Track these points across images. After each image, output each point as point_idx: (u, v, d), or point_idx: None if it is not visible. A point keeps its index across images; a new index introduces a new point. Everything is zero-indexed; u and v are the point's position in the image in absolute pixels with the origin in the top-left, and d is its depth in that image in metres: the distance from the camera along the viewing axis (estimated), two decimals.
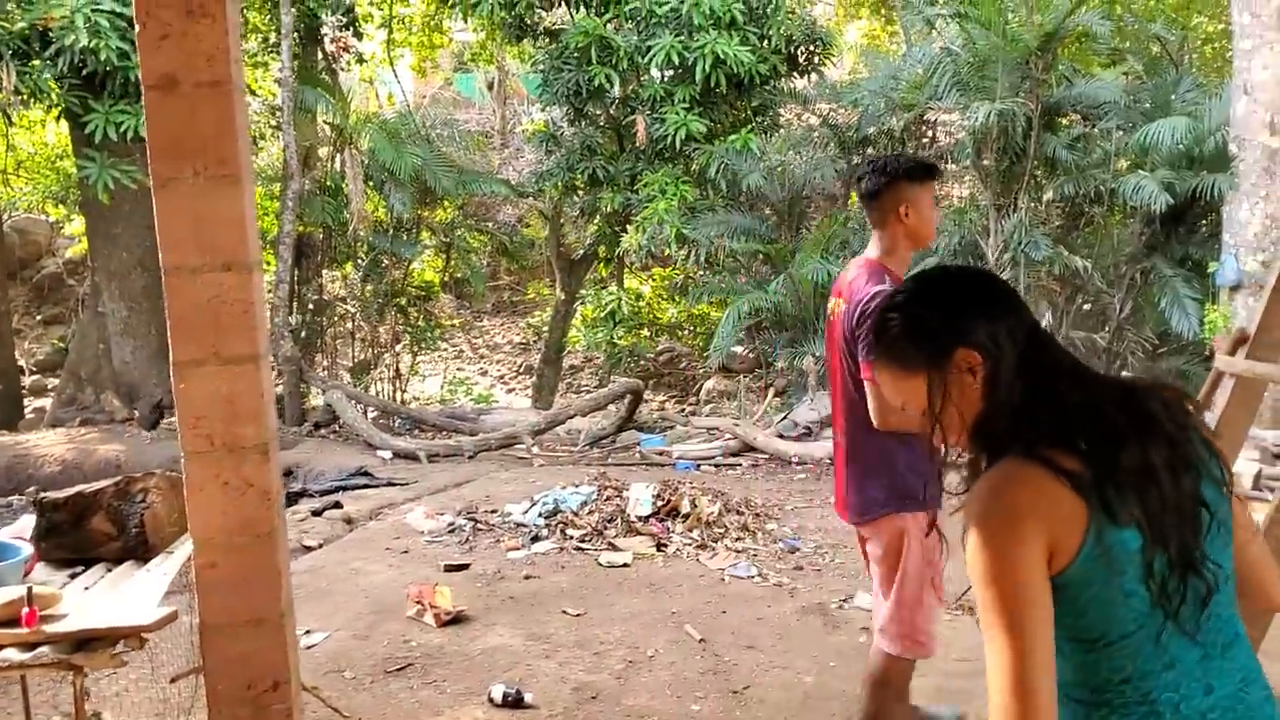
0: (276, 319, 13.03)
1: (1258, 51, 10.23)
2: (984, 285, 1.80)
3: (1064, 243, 12.27)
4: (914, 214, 3.49)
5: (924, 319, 1.76)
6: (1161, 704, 1.62)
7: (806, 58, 14.58)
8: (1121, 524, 1.59)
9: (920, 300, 1.79)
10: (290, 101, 13.08)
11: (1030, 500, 1.60)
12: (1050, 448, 1.63)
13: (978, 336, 1.71)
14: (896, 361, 1.78)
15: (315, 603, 5.75)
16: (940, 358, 1.72)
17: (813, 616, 5.50)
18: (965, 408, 1.73)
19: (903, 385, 1.78)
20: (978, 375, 1.72)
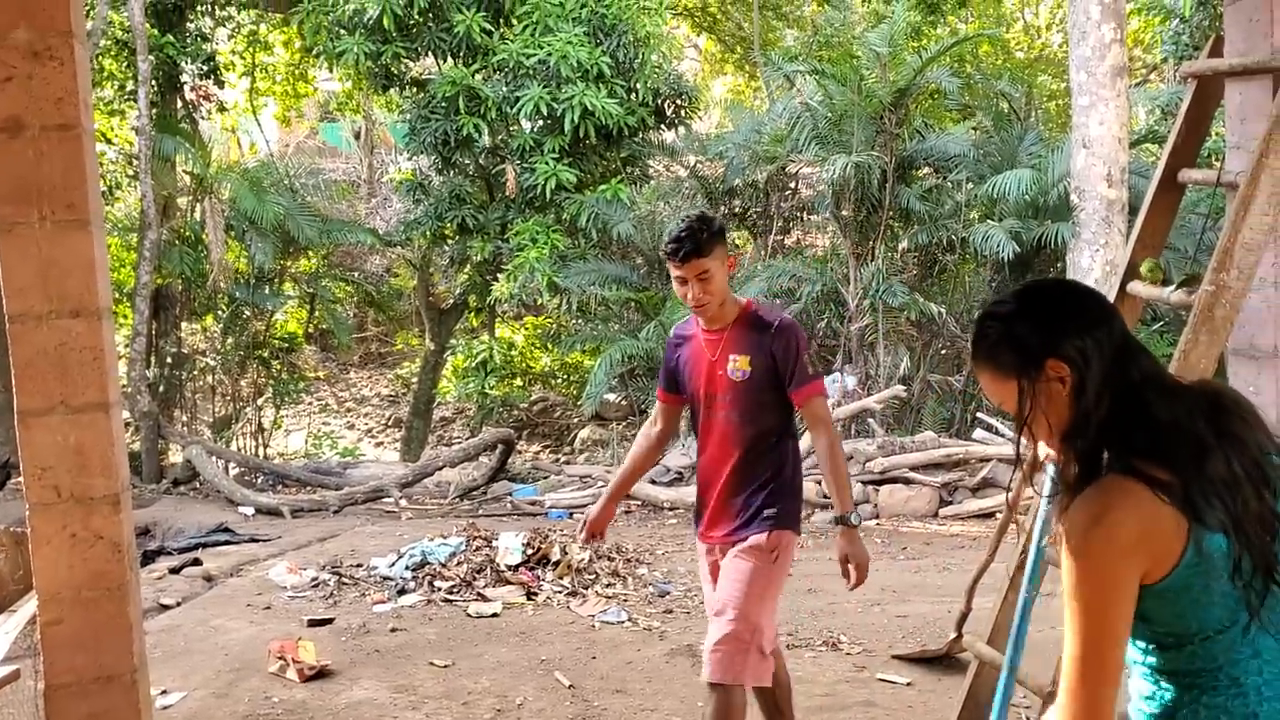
0: (133, 373, 12.63)
1: (1094, 108, 10.80)
2: (1079, 298, 1.89)
3: (919, 290, 12.70)
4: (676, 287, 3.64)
5: (1018, 328, 1.85)
6: (1248, 687, 1.76)
7: (674, 111, 14.86)
8: (1213, 529, 1.71)
9: (1018, 310, 1.88)
10: (147, 150, 12.78)
11: (1134, 525, 1.70)
12: (1142, 459, 1.73)
13: (1067, 349, 1.80)
14: (992, 365, 1.89)
15: (173, 662, 5.57)
16: (1031, 366, 1.82)
17: (682, 658, 5.54)
18: (1054, 416, 1.83)
19: (997, 388, 1.89)
20: (1067, 385, 1.81)
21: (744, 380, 3.54)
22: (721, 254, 3.53)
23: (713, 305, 3.55)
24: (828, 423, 3.59)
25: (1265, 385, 3.91)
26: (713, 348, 3.61)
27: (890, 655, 5.56)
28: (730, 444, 3.59)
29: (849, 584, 3.56)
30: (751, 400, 3.55)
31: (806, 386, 3.54)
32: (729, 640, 3.44)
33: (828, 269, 12.91)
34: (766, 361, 3.53)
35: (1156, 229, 4.15)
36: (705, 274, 3.49)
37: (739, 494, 3.59)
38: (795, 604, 6.73)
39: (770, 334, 3.54)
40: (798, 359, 3.52)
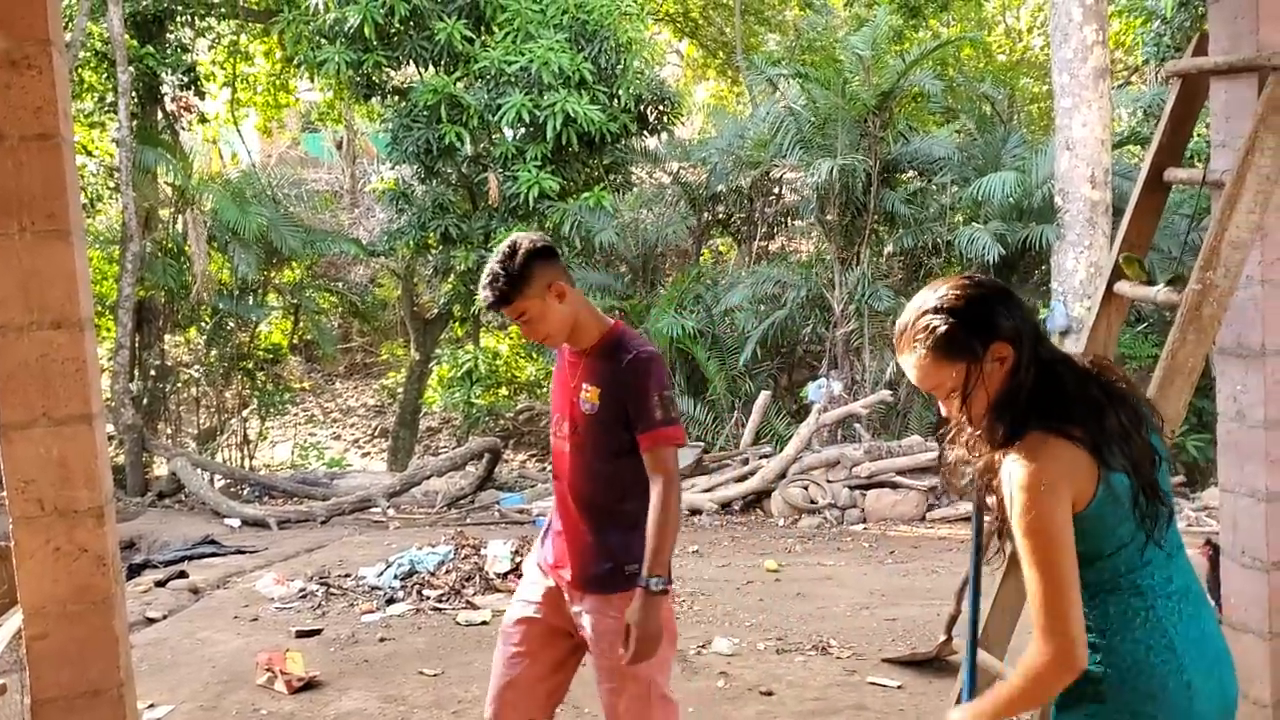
0: (116, 386, 12.56)
1: (1077, 110, 10.85)
2: (1004, 292, 2.22)
3: (905, 294, 12.70)
4: None
5: (966, 318, 2.14)
6: (1144, 589, 2.16)
7: (656, 117, 14.87)
8: (1116, 470, 2.10)
9: (961, 303, 2.16)
10: (128, 162, 12.72)
11: (1059, 468, 2.06)
12: (1060, 421, 2.10)
13: (1008, 333, 2.14)
14: (938, 354, 2.15)
15: (159, 675, 5.52)
16: (979, 350, 2.13)
17: (671, 664, 5.51)
18: (990, 391, 2.15)
19: (936, 373, 2.16)
20: (1005, 364, 2.14)
21: (592, 414, 3.13)
22: (539, 288, 3.06)
23: (554, 339, 3.18)
24: (671, 476, 3.05)
25: (1253, 384, 3.91)
26: (574, 372, 3.22)
27: (880, 659, 5.55)
28: (585, 479, 3.19)
29: (624, 656, 3.01)
30: (601, 437, 3.13)
31: (653, 432, 3.05)
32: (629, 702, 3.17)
33: (813, 274, 12.92)
34: (617, 396, 3.09)
35: (1142, 230, 4.15)
36: (523, 316, 3.11)
37: (593, 538, 3.17)
38: (785, 609, 6.72)
39: (622, 367, 3.09)
40: (645, 398, 3.05)
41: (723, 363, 12.77)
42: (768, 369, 13.16)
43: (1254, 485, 3.91)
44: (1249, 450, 3.93)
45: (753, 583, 7.50)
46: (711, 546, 8.92)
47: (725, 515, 10.30)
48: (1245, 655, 3.99)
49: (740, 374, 12.74)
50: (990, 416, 2.15)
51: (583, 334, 3.17)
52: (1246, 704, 3.96)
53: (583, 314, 3.17)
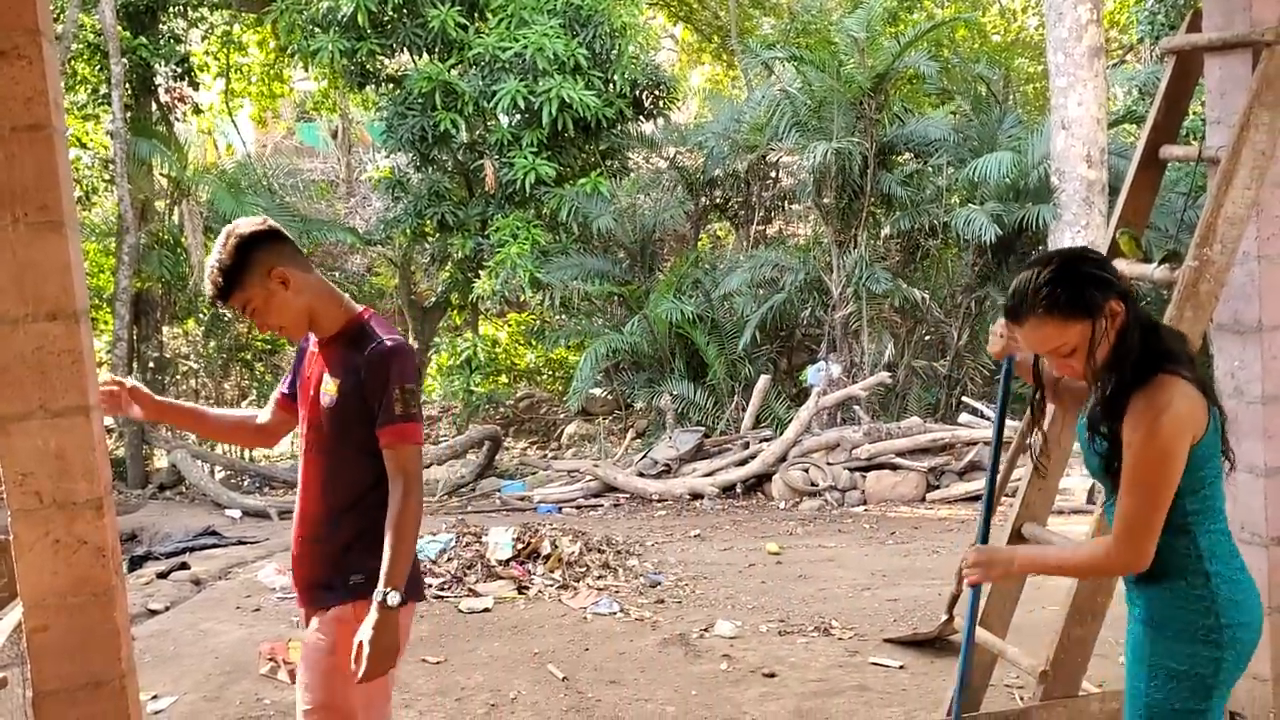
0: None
1: (1072, 89, 10.81)
2: (1104, 258, 2.55)
3: (903, 276, 12.71)
4: None
5: (1085, 281, 2.42)
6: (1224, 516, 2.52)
7: (652, 102, 14.82)
8: (1214, 405, 2.46)
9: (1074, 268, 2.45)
10: (123, 153, 12.69)
11: (1189, 406, 2.38)
12: (1174, 363, 2.42)
13: (1118, 291, 2.44)
14: (1063, 314, 2.41)
15: (162, 666, 5.53)
16: (1101, 308, 2.41)
17: (674, 647, 5.53)
18: (1106, 344, 2.43)
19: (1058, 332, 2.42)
20: (1117, 320, 2.43)
21: (330, 408, 2.92)
22: (258, 276, 2.89)
23: (288, 331, 3.00)
24: (411, 478, 2.83)
25: (1250, 359, 3.92)
26: (317, 363, 3.01)
27: (882, 639, 5.56)
28: (319, 479, 2.99)
29: (355, 675, 2.77)
30: (338, 434, 2.92)
31: (391, 427, 2.83)
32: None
33: (810, 257, 12.90)
34: (356, 389, 2.87)
35: (1139, 207, 4.16)
36: (247, 308, 2.94)
37: (319, 546, 2.97)
38: (786, 591, 6.73)
39: (363, 357, 2.87)
40: (385, 391, 2.82)
41: (722, 347, 12.76)
42: (767, 353, 13.16)
43: (1252, 461, 3.91)
44: (1247, 426, 3.94)
45: (754, 565, 7.52)
46: (713, 530, 8.93)
47: (726, 499, 10.32)
48: None
49: (739, 358, 12.74)
50: (1116, 366, 2.43)
51: (323, 323, 2.98)
52: (1247, 679, 3.97)
53: (319, 301, 2.97)
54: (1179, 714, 2.47)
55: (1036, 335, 2.46)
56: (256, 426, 3.34)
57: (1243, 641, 2.47)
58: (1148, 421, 2.35)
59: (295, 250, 3.00)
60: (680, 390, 12.55)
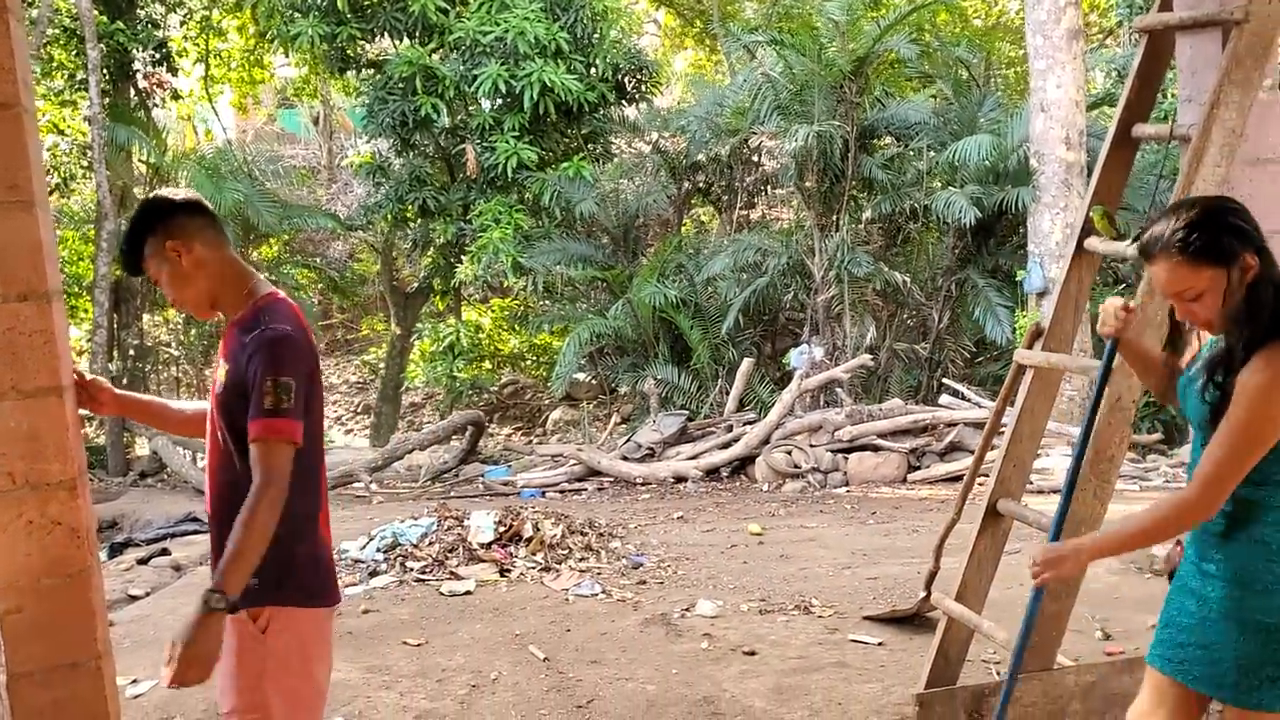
0: (95, 366, 12.51)
1: (1051, 71, 10.85)
2: (1246, 212, 2.51)
3: (884, 259, 12.75)
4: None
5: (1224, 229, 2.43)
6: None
7: (634, 86, 14.81)
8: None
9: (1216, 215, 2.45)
10: (101, 140, 12.62)
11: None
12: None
13: (1256, 242, 2.44)
14: (1197, 258, 2.42)
15: (143, 651, 5.52)
16: (1237, 258, 2.42)
17: (656, 627, 5.55)
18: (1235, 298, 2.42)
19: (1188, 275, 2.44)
20: (1249, 274, 2.42)
21: (218, 395, 2.79)
22: (156, 249, 2.80)
23: (191, 306, 2.91)
24: (269, 476, 2.62)
25: None
26: (220, 347, 2.89)
27: (861, 616, 5.60)
28: (214, 472, 2.86)
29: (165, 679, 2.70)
30: (225, 422, 2.77)
31: (258, 420, 2.64)
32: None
33: (793, 241, 12.92)
34: (239, 377, 2.71)
35: (1112, 185, 4.17)
36: (153, 280, 2.88)
37: (219, 541, 2.82)
38: (768, 571, 6.77)
39: (246, 343, 2.71)
40: (259, 381, 2.64)
41: (706, 331, 12.78)
42: (750, 336, 13.19)
43: None
44: None
45: (736, 546, 7.55)
46: (696, 512, 8.96)
47: (710, 482, 10.35)
48: None
49: (723, 342, 12.76)
50: (1249, 319, 2.42)
51: (225, 305, 2.86)
52: None
53: (221, 281, 2.85)
54: (1270, 664, 2.48)
55: (1167, 275, 2.47)
56: (190, 415, 3.20)
57: None
58: (1263, 385, 2.37)
59: (206, 226, 2.86)
60: (664, 374, 12.57)
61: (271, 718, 2.79)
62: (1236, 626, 2.51)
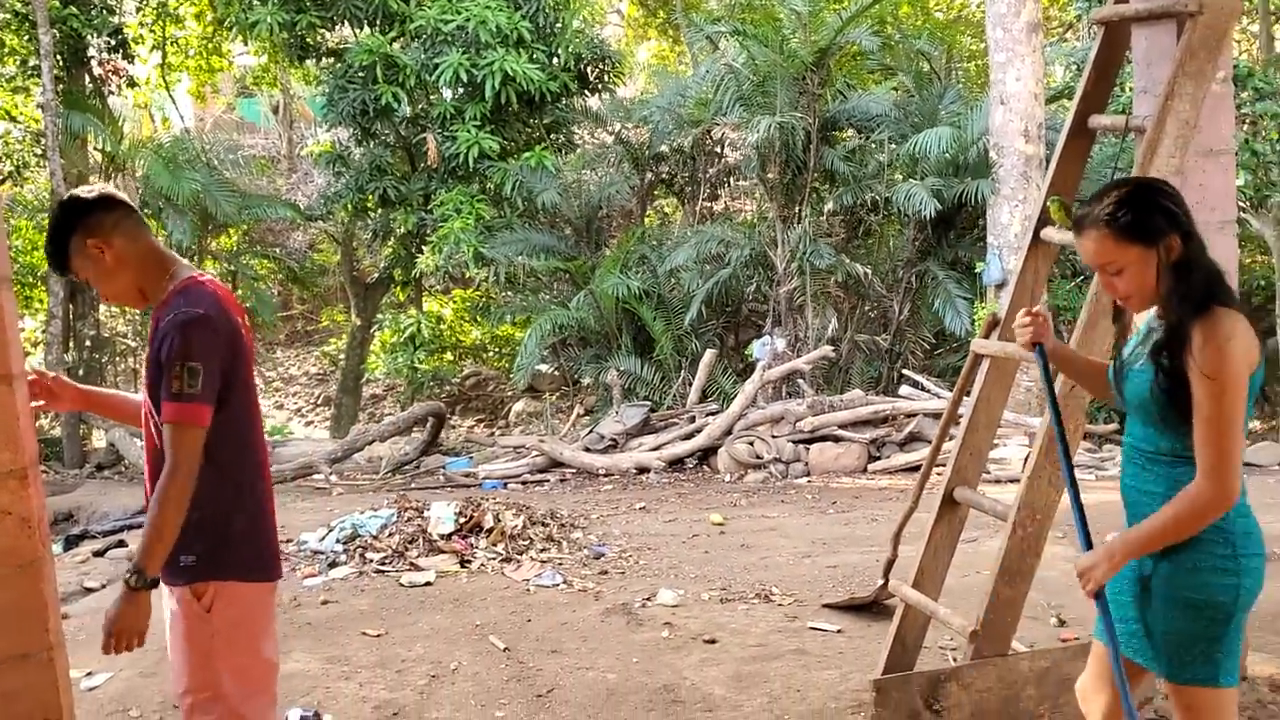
0: (50, 356, 12.36)
1: (1010, 64, 10.93)
2: (1175, 191, 2.65)
3: (845, 251, 12.81)
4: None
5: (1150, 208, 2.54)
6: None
7: (597, 76, 14.78)
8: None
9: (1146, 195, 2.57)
10: (55, 127, 12.44)
11: (1251, 339, 2.49)
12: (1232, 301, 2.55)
13: (1183, 226, 2.54)
14: (1123, 235, 2.53)
15: (98, 643, 5.45)
16: (1157, 238, 2.52)
17: (616, 617, 5.56)
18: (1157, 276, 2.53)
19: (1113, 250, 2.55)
20: (1172, 255, 2.52)
21: (146, 379, 2.87)
22: (78, 247, 2.86)
23: (122, 299, 3.00)
24: (178, 461, 2.70)
25: None
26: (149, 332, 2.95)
27: (821, 604, 5.63)
28: (148, 455, 2.92)
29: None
30: (152, 405, 2.84)
31: (167, 404, 2.71)
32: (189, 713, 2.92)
33: (755, 233, 12.95)
34: (156, 360, 2.79)
35: (1068, 175, 4.21)
36: (81, 278, 2.97)
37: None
38: (729, 560, 6.79)
39: (160, 327, 2.79)
40: (167, 365, 2.72)
41: (669, 322, 12.80)
42: (713, 328, 13.22)
43: None
44: None
45: (698, 536, 7.57)
46: (658, 503, 8.97)
47: (672, 473, 10.36)
48: None
49: (686, 333, 12.78)
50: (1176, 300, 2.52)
51: (150, 292, 2.93)
52: None
53: (144, 271, 2.91)
54: (1200, 640, 2.56)
55: (1094, 248, 2.58)
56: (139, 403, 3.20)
57: (1256, 570, 2.57)
58: (1217, 355, 2.44)
59: (124, 218, 2.91)
60: (627, 366, 12.57)
61: (223, 695, 2.87)
62: (1169, 604, 2.59)
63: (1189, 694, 2.61)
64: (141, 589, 2.74)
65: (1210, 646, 2.56)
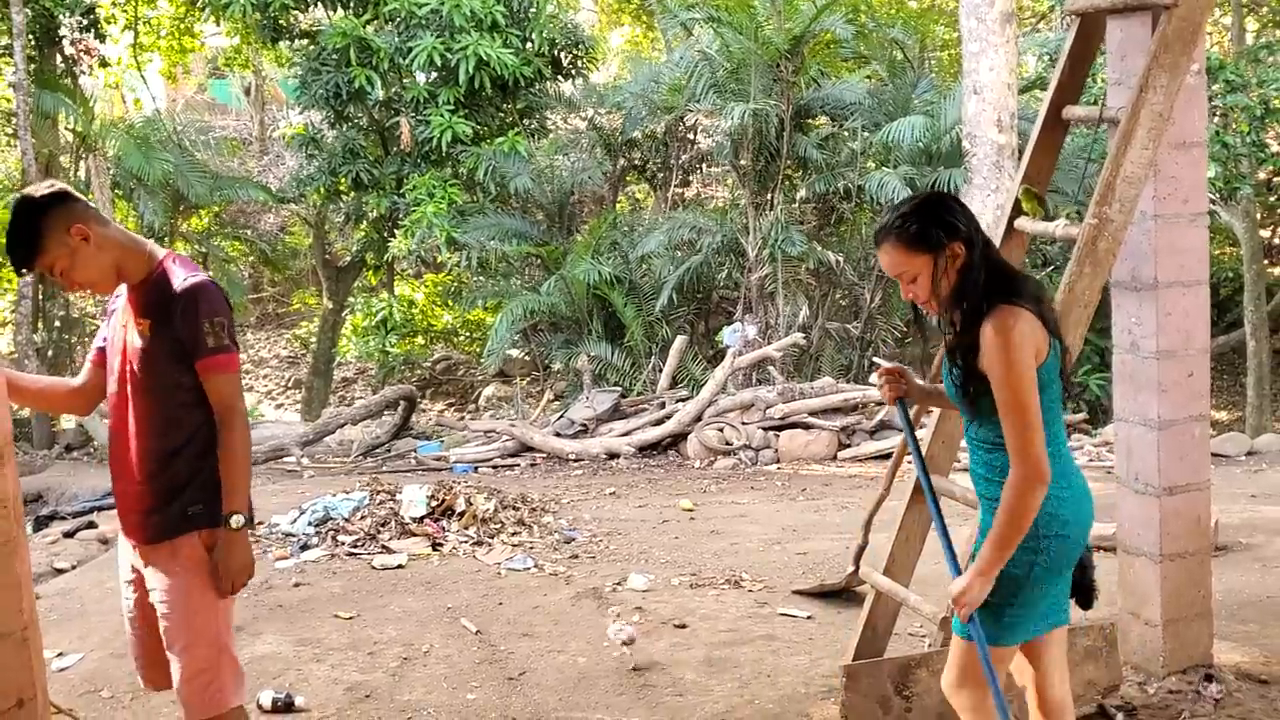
0: (19, 337, 12.25)
1: (984, 54, 10.96)
2: (960, 204, 2.83)
3: (818, 239, 12.86)
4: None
5: (931, 220, 2.72)
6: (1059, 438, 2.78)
7: (571, 61, 14.75)
8: (1054, 335, 2.73)
9: (928, 208, 2.76)
10: (26, 107, 12.29)
11: (1028, 328, 2.65)
12: (1016, 295, 2.69)
13: (962, 235, 2.71)
14: (908, 245, 2.72)
15: (69, 624, 5.44)
16: (938, 245, 2.70)
17: (588, 600, 5.58)
18: (948, 282, 2.72)
19: (902, 260, 2.74)
20: (958, 260, 2.71)
21: (144, 348, 2.99)
22: (58, 238, 2.92)
23: (99, 285, 3.07)
24: (231, 406, 3.01)
25: (1146, 316, 4.04)
26: (127, 310, 3.05)
27: (791, 591, 5.67)
28: (144, 421, 3.04)
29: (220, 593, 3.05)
30: (154, 372, 3.00)
31: (204, 359, 2.96)
32: (197, 672, 3.07)
33: (727, 220, 12.97)
34: (167, 328, 2.97)
35: (1041, 166, 4.24)
36: (54, 271, 3.00)
37: (153, 484, 3.05)
38: (699, 545, 6.82)
39: (172, 296, 2.96)
40: (195, 327, 2.94)
41: (639, 309, 12.81)
42: (684, 314, 13.24)
43: (1146, 414, 4.05)
44: (1142, 380, 4.07)
45: (668, 522, 7.60)
46: (629, 489, 9.00)
47: (642, 458, 10.38)
48: (1137, 577, 4.15)
49: (657, 319, 12.80)
50: (958, 301, 2.72)
51: (131, 270, 3.03)
52: (1139, 624, 4.14)
53: (123, 251, 3.02)
54: (995, 609, 2.77)
55: (887, 259, 2.79)
56: (72, 389, 3.34)
57: (1055, 550, 2.74)
58: (997, 345, 2.62)
59: (88, 206, 3.02)
60: (598, 351, 12.57)
61: (224, 645, 3.07)
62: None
63: (965, 648, 2.87)
64: (243, 528, 2.98)
65: (998, 612, 2.77)
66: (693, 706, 4.26)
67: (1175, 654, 4.09)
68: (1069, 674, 3.07)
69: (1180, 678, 4.03)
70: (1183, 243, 4.04)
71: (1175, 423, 4.05)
